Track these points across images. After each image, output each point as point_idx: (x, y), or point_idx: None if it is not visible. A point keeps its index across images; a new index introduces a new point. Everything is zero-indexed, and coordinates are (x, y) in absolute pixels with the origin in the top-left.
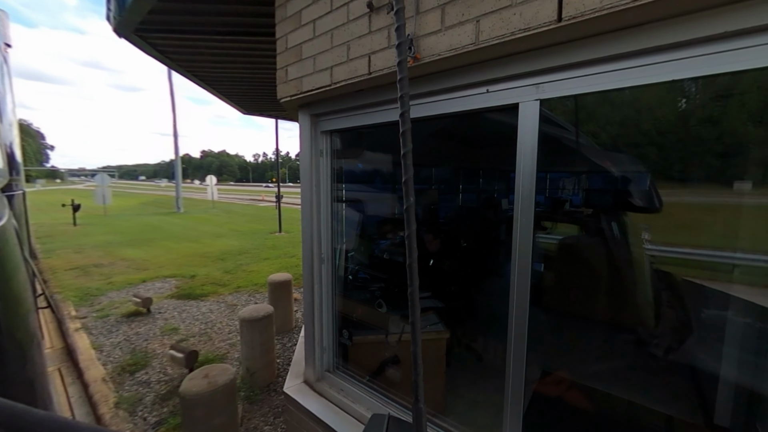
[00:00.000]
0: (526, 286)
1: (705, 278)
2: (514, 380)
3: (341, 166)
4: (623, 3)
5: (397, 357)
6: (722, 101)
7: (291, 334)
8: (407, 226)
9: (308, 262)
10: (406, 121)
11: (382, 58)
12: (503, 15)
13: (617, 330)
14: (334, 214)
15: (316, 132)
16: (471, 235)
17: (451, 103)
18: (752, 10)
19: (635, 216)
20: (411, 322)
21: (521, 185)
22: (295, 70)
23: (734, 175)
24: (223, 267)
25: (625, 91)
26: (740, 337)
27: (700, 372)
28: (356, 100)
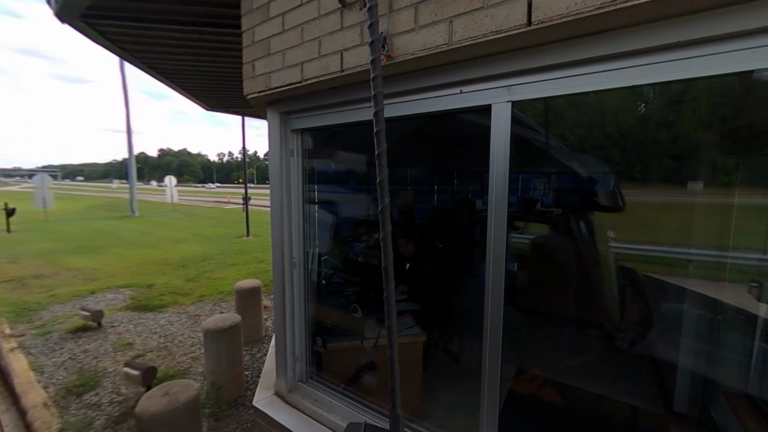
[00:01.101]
0: (500, 286)
1: (664, 273)
2: (490, 380)
3: (313, 167)
4: (587, 10)
5: (373, 363)
6: (676, 106)
7: (261, 344)
8: (382, 227)
9: (279, 267)
10: (380, 121)
11: (355, 56)
12: (475, 16)
13: (586, 326)
14: (306, 217)
15: (286, 130)
16: (447, 236)
17: (425, 102)
18: (701, 22)
19: (601, 215)
20: (387, 326)
21: (495, 186)
22: (262, 65)
23: (688, 175)
24: (184, 275)
25: (590, 95)
26: (695, 328)
27: (661, 363)
28: (328, 98)
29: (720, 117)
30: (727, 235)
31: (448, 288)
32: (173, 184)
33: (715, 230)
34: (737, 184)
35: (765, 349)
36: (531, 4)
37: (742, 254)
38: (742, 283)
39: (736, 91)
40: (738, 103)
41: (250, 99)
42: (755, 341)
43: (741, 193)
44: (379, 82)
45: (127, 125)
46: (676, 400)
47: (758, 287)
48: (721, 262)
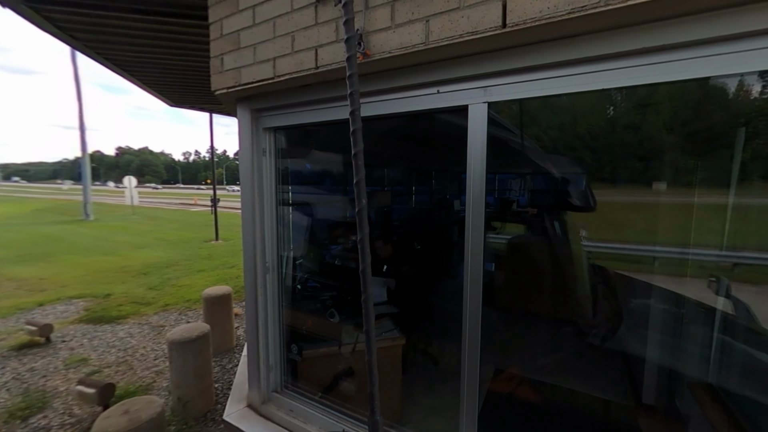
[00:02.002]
0: (478, 286)
1: (632, 270)
2: (469, 381)
3: (287, 167)
4: (558, 15)
5: (351, 369)
6: (642, 110)
7: (232, 355)
8: (359, 229)
9: (251, 273)
10: (356, 120)
11: (330, 52)
12: (452, 17)
13: (561, 323)
14: (280, 219)
15: (258, 129)
16: (425, 237)
17: (402, 102)
18: (663, 30)
19: (574, 215)
20: (365, 331)
21: (472, 186)
22: (232, 60)
23: (653, 176)
24: (146, 282)
25: (563, 97)
26: (660, 323)
27: (630, 357)
28: (302, 95)
29: (681, 120)
30: (688, 232)
31: (427, 289)
32: (133, 185)
33: (677, 228)
34: (697, 184)
35: (723, 340)
36: (506, 6)
37: (702, 251)
38: (702, 278)
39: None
40: (696, 107)
41: (219, 95)
42: (714, 333)
43: (700, 193)
44: (356, 81)
45: (79, 121)
46: (644, 393)
47: (716, 281)
48: (683, 258)
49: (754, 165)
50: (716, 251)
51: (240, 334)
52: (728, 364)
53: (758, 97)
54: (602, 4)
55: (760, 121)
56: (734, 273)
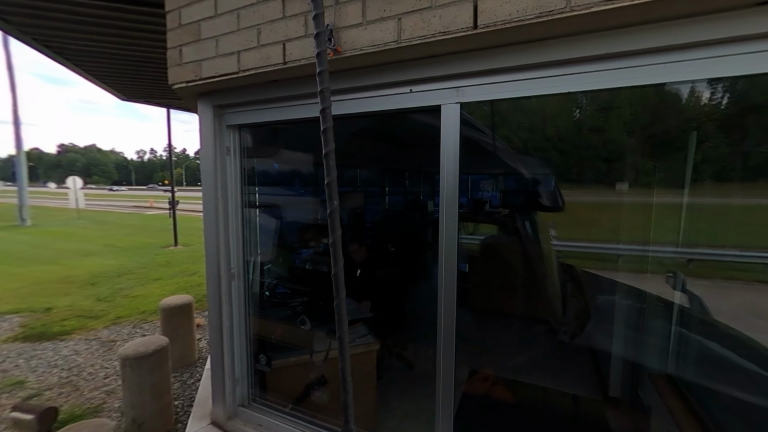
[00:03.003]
0: (452, 287)
1: (598, 268)
2: (444, 383)
3: (253, 167)
4: (527, 18)
5: (323, 378)
6: (605, 114)
7: (193, 369)
8: (331, 232)
9: (214, 280)
10: (327, 118)
11: (299, 48)
12: (424, 16)
13: (533, 322)
14: (246, 222)
15: (221, 126)
16: (399, 239)
17: (375, 101)
18: (624, 37)
19: (543, 214)
20: (338, 337)
21: (445, 187)
22: (192, 52)
23: (616, 177)
24: (94, 294)
25: (532, 100)
26: (624, 318)
27: (598, 352)
28: (270, 91)
29: (640, 124)
30: (648, 231)
31: (402, 292)
32: (78, 187)
33: (638, 227)
34: (655, 184)
35: (680, 333)
36: (477, 7)
37: (660, 248)
38: (661, 273)
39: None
40: (654, 112)
41: (177, 89)
42: (672, 326)
43: (658, 193)
44: (326, 78)
45: (13, 115)
46: (611, 386)
47: (673, 277)
48: (644, 255)
49: (704, 167)
50: (673, 248)
51: (203, 346)
52: (684, 355)
53: (707, 103)
54: (567, 10)
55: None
56: (689, 268)
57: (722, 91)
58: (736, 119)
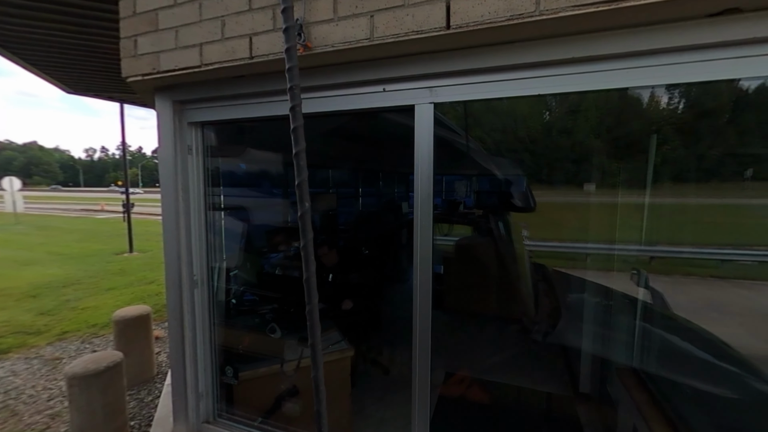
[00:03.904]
0: (428, 289)
1: (568, 267)
2: (420, 387)
3: (218, 167)
4: (498, 20)
5: (295, 388)
6: (573, 116)
7: (152, 385)
8: (303, 235)
9: (175, 288)
10: (297, 117)
11: (267, 42)
12: (397, 14)
13: (507, 322)
14: (210, 226)
15: (182, 123)
16: (373, 242)
17: (347, 99)
18: (591, 42)
19: (516, 215)
20: (311, 345)
21: (420, 188)
22: (148, 43)
23: (584, 178)
24: (36, 307)
25: (504, 101)
26: (592, 315)
27: (568, 349)
28: (236, 87)
29: (605, 127)
30: (614, 230)
31: (376, 296)
32: (16, 189)
33: (605, 226)
34: (620, 185)
35: (644, 327)
36: (449, 8)
37: (625, 246)
38: (626, 271)
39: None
40: (618, 115)
41: (133, 83)
42: (636, 321)
43: (622, 194)
44: (296, 74)
45: None
46: (581, 382)
47: (637, 274)
48: (610, 254)
49: (664, 168)
50: (637, 246)
51: (162, 360)
52: (648, 348)
53: (666, 107)
54: (537, 14)
55: (668, 129)
56: (652, 265)
57: (679, 96)
58: (690, 123)
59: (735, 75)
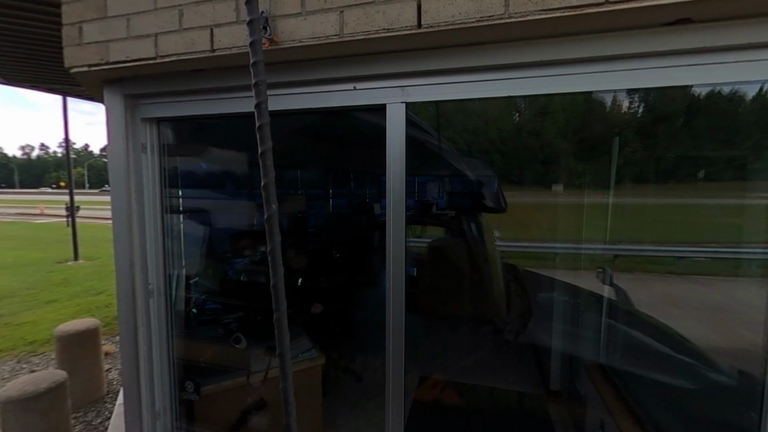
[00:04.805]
0: (401, 293)
1: (538, 267)
2: (394, 393)
3: (176, 166)
4: (468, 21)
5: (262, 400)
6: (542, 118)
7: (101, 406)
8: (269, 238)
9: (127, 299)
10: (263, 114)
11: (230, 35)
12: (367, 10)
13: (480, 323)
14: (167, 230)
15: (135, 119)
16: (344, 244)
17: (316, 97)
18: (557, 46)
19: (488, 216)
20: (279, 354)
21: (392, 189)
22: (95, 31)
23: (552, 179)
24: None
25: (475, 102)
26: (561, 313)
27: (539, 348)
28: (195, 81)
29: (572, 129)
30: (580, 229)
31: (348, 301)
32: None
33: (572, 226)
34: (585, 186)
35: (609, 324)
36: (420, 7)
37: (591, 245)
38: (592, 269)
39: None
40: (583, 118)
41: (77, 74)
42: (602, 318)
43: (588, 194)
44: (261, 69)
45: None
46: (551, 380)
47: (603, 272)
48: (578, 253)
49: (626, 170)
50: (602, 245)
51: (113, 377)
52: (613, 344)
53: (627, 111)
54: (506, 17)
55: (629, 132)
56: (615, 263)
57: (638, 101)
58: (649, 127)
59: (688, 82)
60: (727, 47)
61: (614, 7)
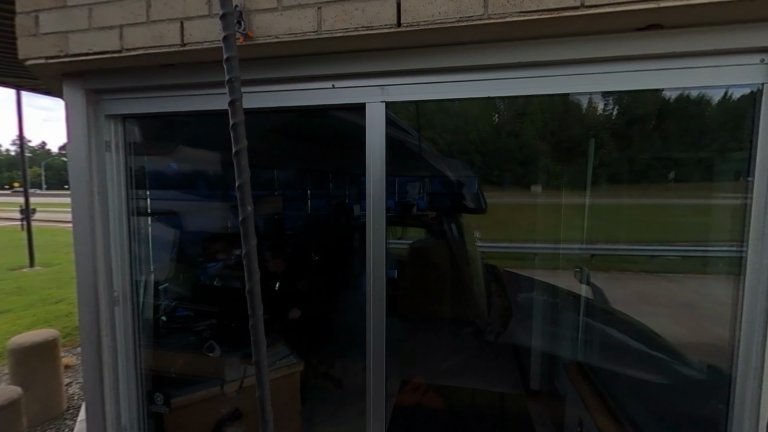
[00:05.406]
0: (381, 295)
1: (518, 267)
2: (375, 398)
3: (143, 166)
4: (448, 21)
5: (238, 411)
6: (521, 119)
7: (60, 422)
8: (244, 241)
9: (90, 307)
10: (237, 112)
11: (202, 28)
12: (346, 8)
13: (461, 325)
14: (134, 234)
15: (97, 115)
16: (323, 247)
17: (293, 95)
18: (537, 48)
19: (468, 217)
20: (255, 362)
21: (372, 189)
22: (54, 21)
23: (531, 179)
24: None
25: (455, 102)
26: (541, 313)
27: (519, 348)
28: (165, 77)
29: (550, 130)
30: (559, 230)
31: (327, 305)
32: None
33: (551, 226)
34: (563, 187)
35: (586, 322)
36: (400, 5)
37: (569, 245)
38: (570, 269)
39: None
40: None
41: (32, 66)
42: (580, 316)
43: (566, 195)
44: (235, 65)
45: None
46: (531, 379)
47: (580, 271)
48: (556, 252)
49: (601, 170)
50: (579, 245)
51: (74, 391)
52: (591, 342)
53: (602, 113)
54: (485, 18)
55: (604, 134)
56: (592, 263)
57: (613, 103)
58: (623, 129)
59: (658, 85)
60: (694, 53)
61: (588, 11)
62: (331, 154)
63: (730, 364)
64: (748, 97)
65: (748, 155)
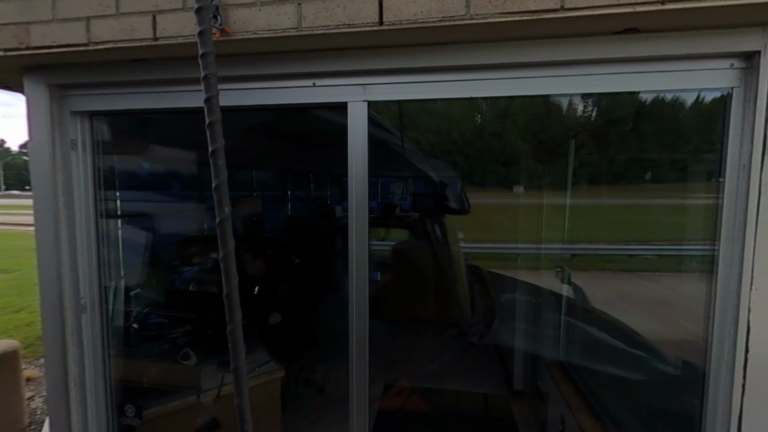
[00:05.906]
0: (364, 298)
1: (500, 267)
2: (358, 403)
3: (112, 165)
4: (431, 21)
5: (215, 421)
6: (503, 120)
7: None
8: (222, 244)
9: (54, 315)
10: (214, 110)
11: (175, 22)
12: (327, 5)
13: (445, 326)
14: (103, 237)
15: (62, 112)
16: (304, 249)
17: (273, 93)
18: (518, 49)
19: (451, 217)
20: (233, 369)
21: (354, 189)
22: (13, 11)
23: (513, 180)
24: None
25: (438, 102)
26: (524, 313)
27: (503, 348)
28: (136, 72)
29: (531, 131)
30: (540, 230)
31: (308, 308)
32: None
33: (533, 227)
34: (544, 187)
35: (568, 322)
36: (382, 3)
37: (550, 245)
38: (552, 269)
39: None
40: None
41: None
42: (561, 316)
43: (547, 195)
44: (211, 61)
45: None
46: (515, 380)
47: (561, 271)
48: (538, 253)
49: (581, 171)
50: (560, 245)
51: (37, 405)
52: (572, 341)
53: (582, 115)
54: (468, 18)
55: (584, 135)
56: (573, 262)
57: (592, 105)
58: (602, 130)
59: (635, 88)
60: (669, 57)
61: (568, 13)
62: (312, 154)
63: (704, 359)
64: (719, 101)
65: (719, 156)
